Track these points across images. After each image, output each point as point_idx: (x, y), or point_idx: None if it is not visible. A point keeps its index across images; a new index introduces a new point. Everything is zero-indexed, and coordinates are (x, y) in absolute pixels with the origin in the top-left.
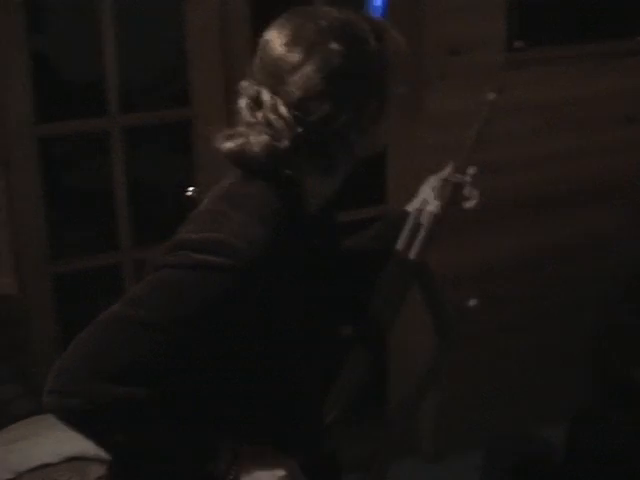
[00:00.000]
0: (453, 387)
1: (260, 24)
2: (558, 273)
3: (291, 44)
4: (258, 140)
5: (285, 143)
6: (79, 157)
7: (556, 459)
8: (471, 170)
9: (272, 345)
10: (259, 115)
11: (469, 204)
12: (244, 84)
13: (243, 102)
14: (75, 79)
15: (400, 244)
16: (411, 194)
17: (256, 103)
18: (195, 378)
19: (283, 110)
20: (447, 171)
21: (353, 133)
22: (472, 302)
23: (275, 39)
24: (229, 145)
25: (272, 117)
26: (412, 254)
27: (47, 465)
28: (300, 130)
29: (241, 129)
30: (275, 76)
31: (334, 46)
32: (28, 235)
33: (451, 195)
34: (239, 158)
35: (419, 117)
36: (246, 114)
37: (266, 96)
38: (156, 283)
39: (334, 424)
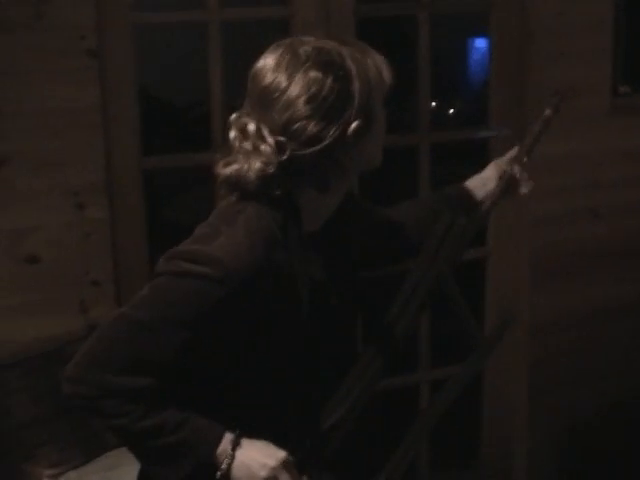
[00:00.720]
0: (550, 433)
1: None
2: None
3: (275, 73)
4: (251, 166)
5: (272, 168)
6: (182, 190)
7: None
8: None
9: (265, 352)
10: (247, 144)
11: (524, 189)
12: (233, 117)
13: (232, 134)
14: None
15: (430, 248)
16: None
17: (243, 133)
18: (193, 372)
19: (268, 137)
20: (509, 156)
21: (340, 151)
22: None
23: (261, 70)
24: (226, 171)
25: (259, 144)
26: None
27: None
28: (287, 153)
29: (236, 157)
30: (262, 105)
31: (312, 73)
32: (130, 265)
33: (505, 187)
34: (235, 183)
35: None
36: (235, 144)
37: (252, 126)
38: (153, 289)
39: (338, 425)
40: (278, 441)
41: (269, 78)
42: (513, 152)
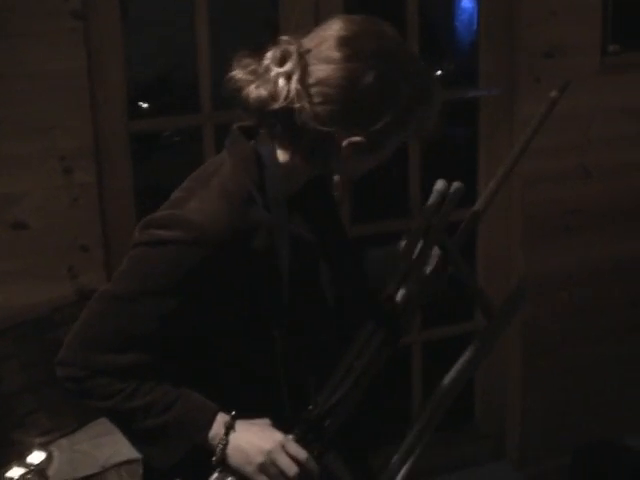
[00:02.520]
0: (542, 393)
1: None
2: None
3: (340, 43)
4: (259, 89)
5: (276, 106)
6: (170, 154)
7: None
8: None
9: (250, 316)
10: (275, 70)
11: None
12: (284, 38)
13: (272, 52)
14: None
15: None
16: (502, 197)
17: (281, 60)
18: (180, 345)
19: (294, 81)
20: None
21: (330, 147)
22: None
23: (333, 30)
24: (238, 74)
25: (282, 80)
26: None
27: (133, 461)
28: (294, 107)
29: (257, 69)
30: (312, 54)
31: (370, 72)
32: (118, 230)
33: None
34: (236, 90)
35: (513, 120)
36: (268, 63)
37: (292, 61)
38: (129, 261)
39: (341, 403)
40: (273, 417)
41: (334, 42)
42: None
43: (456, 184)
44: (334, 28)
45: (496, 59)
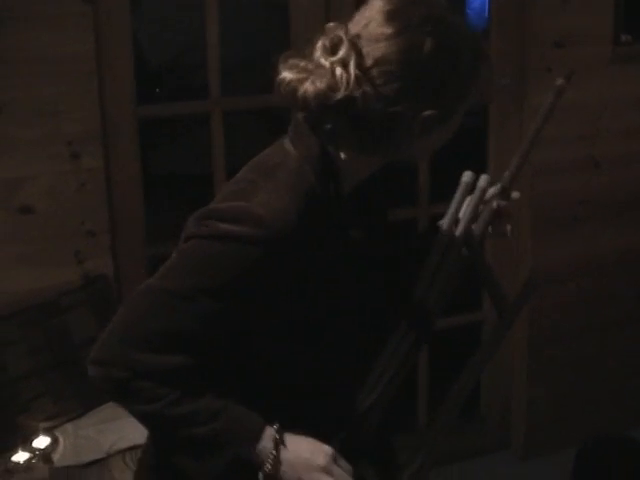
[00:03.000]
0: (548, 383)
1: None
2: None
3: (389, 18)
4: (316, 84)
5: (338, 96)
6: (179, 140)
7: None
8: (515, 194)
9: (303, 319)
10: (328, 60)
11: (503, 233)
12: (331, 26)
13: (322, 41)
14: (178, 61)
15: (448, 219)
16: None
17: (332, 48)
18: (227, 349)
19: (352, 67)
20: (489, 192)
21: (402, 127)
22: None
23: (377, 8)
24: (288, 75)
25: (339, 69)
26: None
27: (137, 446)
28: (356, 94)
29: (306, 65)
30: (363, 36)
31: (427, 39)
32: (125, 216)
33: (490, 220)
34: (291, 92)
35: (524, 110)
36: (318, 55)
37: (344, 47)
38: (184, 254)
39: (375, 406)
40: (316, 425)
41: (383, 16)
42: (493, 189)
43: (484, 177)
44: (377, 5)
45: (507, 48)
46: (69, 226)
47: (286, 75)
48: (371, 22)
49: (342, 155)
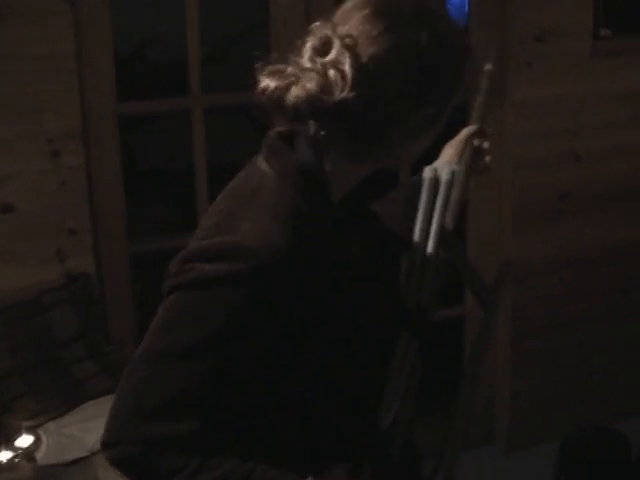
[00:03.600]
0: (531, 377)
1: None
2: (639, 265)
3: (378, 14)
4: (306, 87)
5: (333, 99)
6: (159, 137)
7: (633, 454)
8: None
9: (318, 349)
10: (319, 62)
11: (484, 167)
12: (317, 25)
13: (310, 42)
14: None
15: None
16: (492, 181)
17: (322, 49)
18: (244, 403)
19: (347, 67)
20: (465, 132)
21: (399, 129)
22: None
23: (362, 4)
24: (272, 83)
25: (332, 70)
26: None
27: None
28: (352, 96)
29: (292, 70)
30: (353, 34)
31: (420, 32)
32: (107, 214)
33: (472, 158)
34: (276, 100)
35: (504, 104)
36: (307, 56)
37: (336, 46)
38: (172, 310)
39: (397, 422)
40: (344, 456)
41: (373, 19)
42: (468, 129)
43: (446, 169)
44: (362, 2)
45: (487, 43)
46: (50, 224)
47: (269, 83)
48: (360, 18)
49: (328, 165)
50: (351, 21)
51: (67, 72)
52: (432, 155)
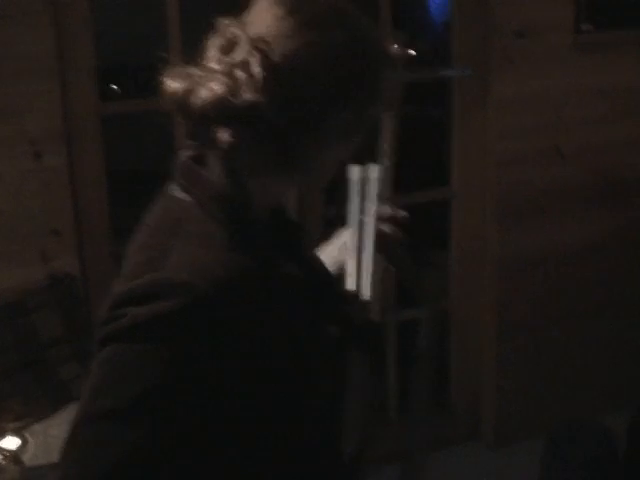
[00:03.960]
0: (516, 373)
1: None
2: (623, 260)
3: (289, 12)
4: (213, 89)
5: (241, 102)
6: (141, 137)
7: (619, 449)
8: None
9: (272, 404)
10: (225, 61)
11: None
12: (225, 22)
13: (216, 42)
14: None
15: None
16: (476, 178)
17: (228, 47)
18: (202, 463)
19: (255, 67)
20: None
21: (311, 135)
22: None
23: (272, 3)
24: (173, 84)
25: (238, 70)
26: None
27: None
28: (264, 99)
29: (196, 71)
30: (263, 33)
31: (339, 31)
32: (90, 214)
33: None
34: (179, 104)
35: (486, 100)
36: (213, 56)
37: (243, 45)
38: (109, 363)
39: (357, 454)
40: None
41: (284, 17)
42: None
43: (373, 167)
44: (274, 1)
45: (469, 39)
46: (34, 225)
47: (170, 84)
48: (272, 17)
49: (248, 182)
50: (262, 20)
51: (49, 72)
52: None
